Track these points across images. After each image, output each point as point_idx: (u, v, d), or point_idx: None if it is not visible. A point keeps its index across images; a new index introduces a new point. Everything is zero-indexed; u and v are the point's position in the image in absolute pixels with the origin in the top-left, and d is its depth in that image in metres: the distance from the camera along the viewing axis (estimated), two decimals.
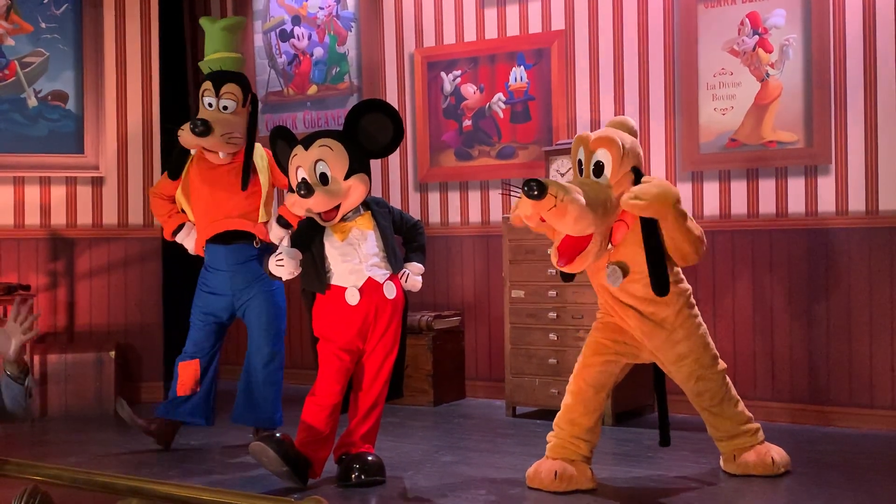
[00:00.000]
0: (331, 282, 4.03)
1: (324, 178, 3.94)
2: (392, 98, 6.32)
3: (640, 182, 3.73)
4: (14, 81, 5.96)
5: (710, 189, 5.33)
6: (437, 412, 5.66)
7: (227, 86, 4.66)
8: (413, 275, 4.20)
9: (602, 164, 3.74)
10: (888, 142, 4.90)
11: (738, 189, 5.26)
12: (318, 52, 6.65)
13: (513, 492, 3.91)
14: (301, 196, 3.86)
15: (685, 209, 3.73)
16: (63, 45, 6.03)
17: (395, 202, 6.17)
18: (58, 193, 5.99)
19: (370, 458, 4.03)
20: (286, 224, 4.62)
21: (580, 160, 3.82)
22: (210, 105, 4.65)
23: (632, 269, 3.79)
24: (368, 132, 4.00)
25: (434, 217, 6.20)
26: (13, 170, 5.91)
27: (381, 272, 4.05)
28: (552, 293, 5.25)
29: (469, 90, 6.08)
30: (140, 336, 6.12)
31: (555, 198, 3.52)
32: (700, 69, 5.34)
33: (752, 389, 5.14)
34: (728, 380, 4.01)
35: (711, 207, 5.33)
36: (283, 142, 4.14)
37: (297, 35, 6.72)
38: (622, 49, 5.57)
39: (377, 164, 6.20)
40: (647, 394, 5.32)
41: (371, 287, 4.02)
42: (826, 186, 5.04)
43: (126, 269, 6.11)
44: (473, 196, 6.07)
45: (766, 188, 5.19)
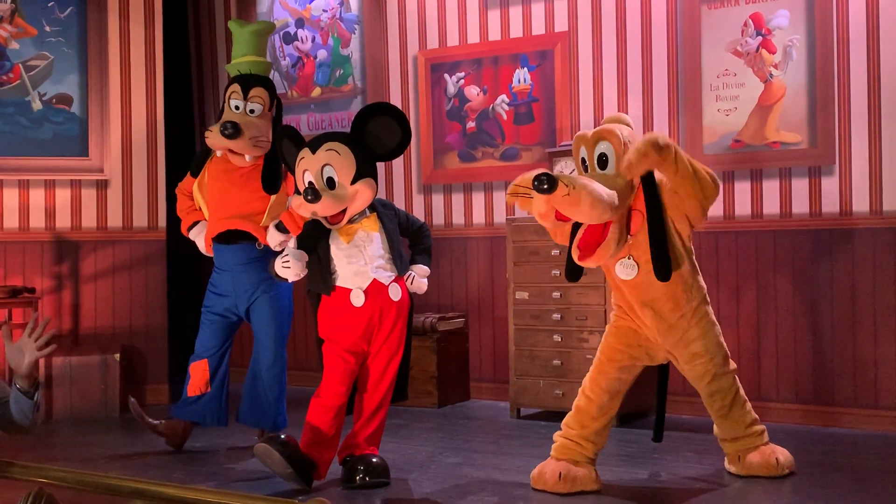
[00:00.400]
0: (336, 283, 4.03)
1: (331, 183, 3.94)
2: (396, 100, 6.32)
3: (651, 181, 3.74)
4: (19, 85, 5.97)
5: None
6: (442, 414, 5.67)
7: (256, 89, 4.65)
8: (418, 277, 4.19)
9: (605, 156, 3.75)
10: (892, 142, 4.90)
11: (742, 190, 5.26)
12: (322, 55, 6.66)
13: (517, 493, 3.91)
14: (308, 201, 3.86)
15: (677, 148, 3.64)
16: (67, 49, 6.05)
17: (399, 204, 6.18)
18: (62, 196, 6.00)
19: (375, 460, 4.03)
20: (284, 230, 4.64)
21: (583, 158, 3.82)
22: (237, 108, 4.64)
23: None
24: (376, 136, 4.00)
25: (438, 219, 6.21)
26: (18, 173, 5.92)
27: (387, 274, 4.05)
28: (556, 294, 5.25)
29: (472, 92, 6.09)
30: (145, 338, 6.13)
31: (567, 186, 3.52)
32: (703, 70, 5.34)
33: (757, 390, 5.13)
34: (738, 380, 4.02)
35: (716, 208, 5.32)
36: (290, 142, 4.14)
37: (301, 37, 6.73)
38: (625, 50, 5.57)
39: (381, 167, 6.19)
40: (652, 395, 5.31)
41: (376, 289, 4.02)
42: (830, 187, 5.03)
43: (131, 272, 6.12)
44: (477, 198, 6.08)
45: (770, 189, 5.19)
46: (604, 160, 3.75)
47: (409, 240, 4.30)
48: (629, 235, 3.79)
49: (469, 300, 6.13)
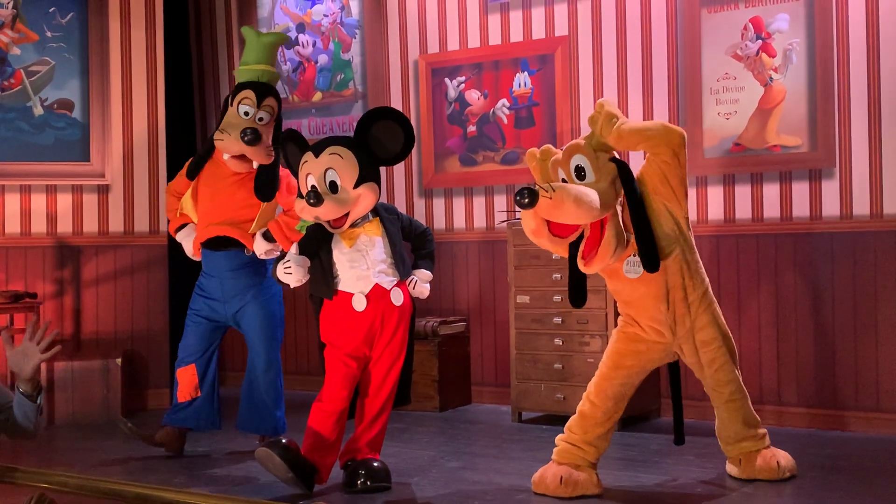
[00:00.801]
0: (338, 287, 4.04)
1: (333, 187, 3.95)
2: (396, 104, 6.33)
3: (625, 169, 3.80)
4: (20, 90, 5.98)
5: (715, 194, 5.33)
6: (443, 418, 5.67)
7: (269, 99, 4.66)
8: (421, 282, 4.20)
9: (581, 167, 3.81)
10: (892, 145, 4.90)
11: (743, 193, 5.26)
12: (323, 60, 6.67)
13: (518, 497, 3.91)
14: (310, 205, 3.87)
15: (623, 120, 3.83)
16: (69, 54, 6.06)
17: (401, 208, 6.18)
18: (64, 201, 6.01)
19: (376, 464, 4.04)
20: (271, 239, 4.64)
21: (563, 179, 3.86)
22: (246, 114, 4.62)
23: None
24: (379, 140, 4.01)
25: (439, 223, 6.21)
26: (20, 178, 5.93)
27: (389, 279, 4.06)
28: (557, 298, 5.25)
29: (473, 96, 6.10)
30: (146, 343, 6.13)
31: (546, 192, 3.56)
32: (704, 74, 5.35)
33: (758, 393, 5.13)
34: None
35: (716, 212, 5.33)
36: (294, 145, 4.14)
37: (302, 42, 6.74)
38: (626, 54, 5.58)
39: (382, 171, 6.20)
40: (653, 399, 5.32)
41: (378, 294, 4.02)
42: (830, 190, 5.04)
43: (132, 277, 6.13)
44: (478, 202, 6.08)
45: (771, 192, 5.19)
46: (581, 172, 3.80)
47: (412, 244, 4.31)
48: (629, 235, 3.81)
49: (470, 304, 6.13)
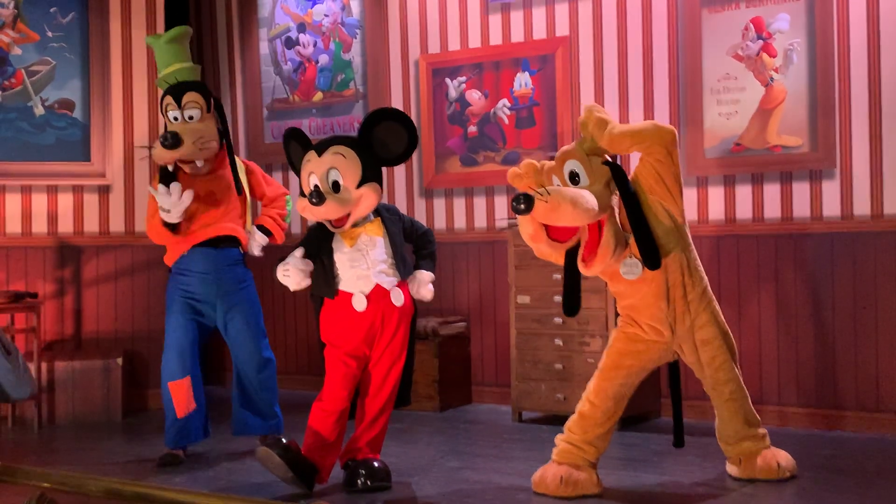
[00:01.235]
0: (339, 287, 4.04)
1: (336, 186, 3.95)
2: (397, 104, 6.33)
3: (618, 171, 3.81)
4: (21, 90, 5.99)
5: (716, 194, 5.33)
6: (444, 418, 5.67)
7: (188, 95, 4.63)
8: (423, 284, 4.17)
9: (575, 172, 3.83)
10: (893, 145, 4.90)
11: (744, 194, 5.26)
12: (324, 59, 6.68)
13: (519, 497, 3.92)
14: (313, 204, 3.87)
15: (613, 124, 3.82)
16: (70, 54, 6.06)
17: (401, 209, 6.18)
18: (65, 201, 6.02)
19: (376, 464, 4.04)
20: (267, 232, 4.65)
21: (558, 185, 3.86)
22: (175, 118, 4.63)
23: None
24: (382, 140, 4.01)
25: (439, 223, 6.21)
26: (20, 178, 5.93)
27: (389, 279, 4.05)
28: (558, 298, 5.25)
29: (474, 96, 6.10)
30: (147, 343, 6.13)
31: (542, 196, 3.57)
32: (704, 74, 5.35)
33: (759, 393, 5.13)
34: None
35: (717, 212, 5.33)
36: (296, 143, 4.14)
37: (303, 42, 6.75)
38: (626, 54, 5.58)
39: (382, 171, 6.21)
40: (653, 399, 5.32)
41: (378, 294, 4.02)
42: (831, 190, 5.04)
43: (133, 277, 6.13)
44: (479, 202, 6.08)
45: (772, 193, 5.19)
46: (575, 177, 3.81)
47: (414, 245, 4.30)
48: (627, 235, 3.82)
49: (471, 304, 6.13)
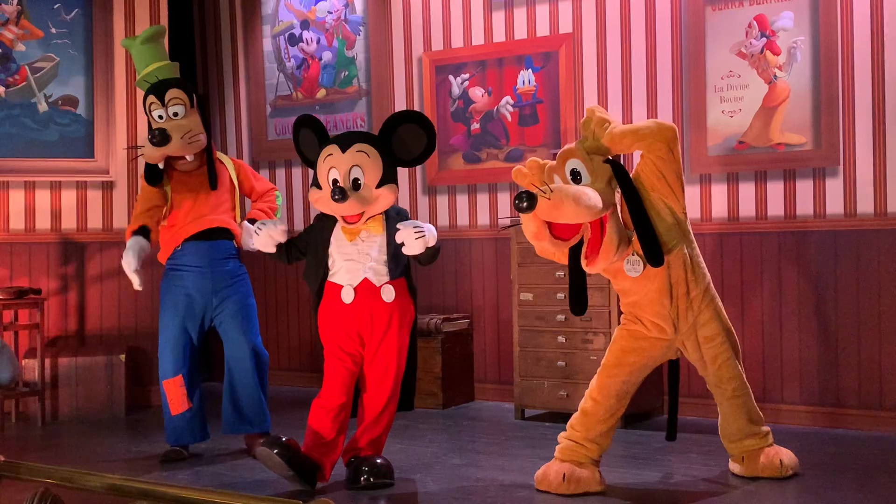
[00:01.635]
0: (330, 279, 4.06)
1: (356, 184, 3.96)
2: (400, 102, 6.33)
3: (620, 168, 3.82)
4: (25, 86, 5.99)
5: (719, 192, 5.33)
6: (446, 415, 5.67)
7: (171, 92, 4.64)
8: (406, 227, 3.90)
9: (577, 171, 3.83)
10: None
11: (747, 191, 5.26)
12: (327, 56, 6.67)
13: (521, 494, 3.92)
14: (335, 200, 3.87)
15: (614, 124, 3.85)
16: (73, 51, 6.07)
17: (404, 205, 6.18)
18: (68, 198, 6.02)
19: (379, 461, 4.04)
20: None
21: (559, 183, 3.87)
22: (160, 117, 4.63)
23: None
24: (403, 142, 4.02)
25: (443, 220, 6.21)
26: (24, 174, 5.94)
27: (378, 276, 4.04)
28: (560, 296, 5.25)
29: (477, 93, 6.10)
30: (150, 339, 6.12)
31: (545, 193, 3.57)
32: (708, 72, 5.35)
33: (762, 392, 5.13)
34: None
35: (720, 210, 5.33)
36: (311, 132, 4.11)
37: (306, 39, 6.75)
38: (630, 52, 5.57)
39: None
40: (656, 396, 5.32)
41: (366, 288, 4.02)
42: (834, 188, 5.03)
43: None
44: (482, 199, 6.08)
45: (775, 190, 5.19)
46: (577, 175, 3.81)
47: None
48: (630, 232, 3.82)
49: (474, 301, 6.13)
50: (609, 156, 3.88)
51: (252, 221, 4.64)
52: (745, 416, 4.02)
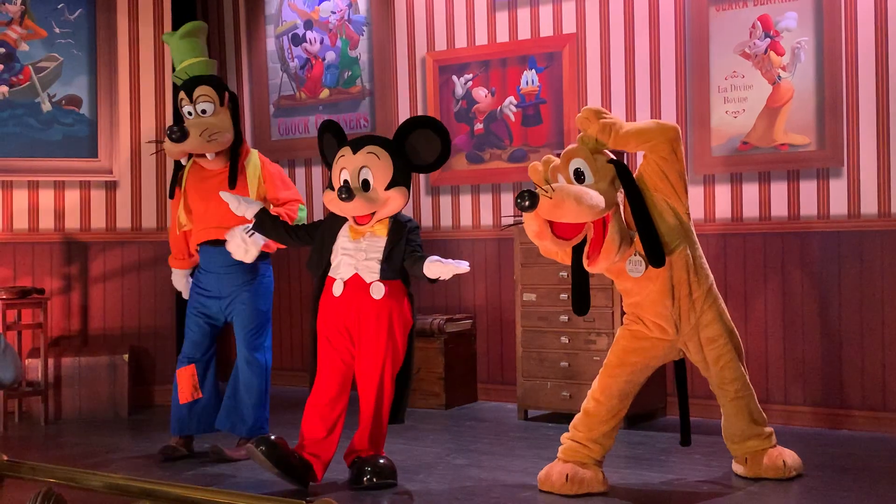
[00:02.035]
0: (330, 273, 4.10)
1: (365, 185, 3.98)
2: (404, 102, 6.33)
3: (623, 168, 3.82)
4: (28, 86, 5.99)
5: (723, 192, 5.32)
6: (449, 415, 5.67)
7: (199, 89, 4.63)
8: (433, 262, 3.96)
9: (580, 170, 3.82)
10: None
11: (751, 192, 5.26)
12: (331, 56, 6.68)
13: (524, 495, 3.91)
14: (342, 199, 3.90)
15: (620, 125, 3.85)
16: (77, 50, 6.07)
17: (407, 206, 6.17)
18: (72, 197, 6.03)
19: (382, 461, 4.04)
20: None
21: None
22: (189, 114, 4.64)
23: None
24: (416, 147, 4.04)
25: (446, 220, 6.21)
26: (28, 174, 5.94)
27: (372, 273, 4.04)
28: (564, 296, 5.25)
29: (480, 94, 6.09)
30: (153, 339, 6.14)
31: (546, 192, 3.57)
32: (712, 72, 5.34)
33: (765, 393, 5.13)
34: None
35: (723, 210, 5.32)
36: (331, 135, 4.18)
37: (310, 39, 6.75)
38: (633, 52, 5.57)
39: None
40: (659, 397, 5.32)
41: (356, 283, 4.03)
42: (838, 189, 5.03)
43: (139, 273, 6.14)
44: (485, 199, 6.08)
45: (779, 191, 5.18)
46: (580, 175, 3.81)
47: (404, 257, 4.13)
48: (632, 233, 3.82)
49: (477, 302, 6.13)
50: (612, 154, 3.89)
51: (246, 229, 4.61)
52: (749, 418, 4.01)
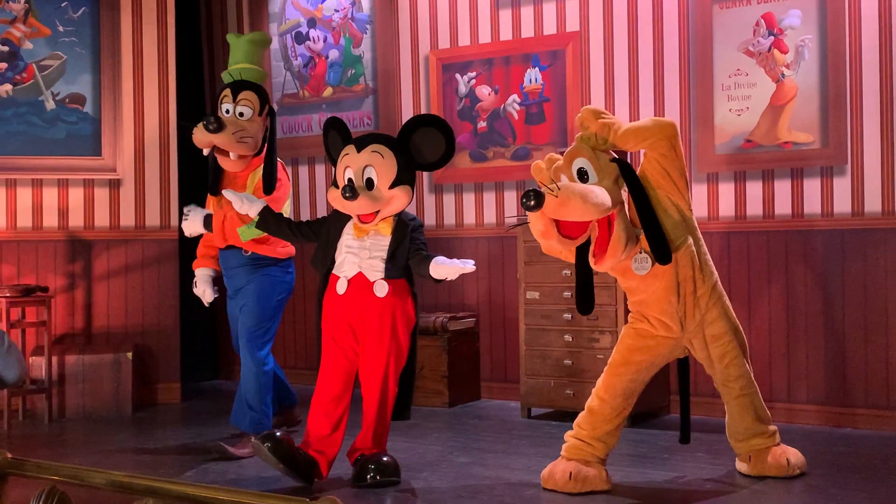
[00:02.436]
0: (334, 270, 4.10)
1: (369, 184, 3.98)
2: (407, 100, 6.33)
3: (627, 167, 3.82)
4: (32, 84, 6.00)
5: (726, 190, 5.32)
6: (452, 413, 5.67)
7: (245, 93, 4.68)
8: (441, 263, 3.98)
9: (584, 170, 3.82)
10: None
11: (754, 190, 5.25)
12: (334, 55, 6.68)
13: (528, 493, 3.92)
14: (345, 198, 3.91)
15: (618, 125, 3.85)
16: (80, 49, 6.08)
17: (411, 204, 6.16)
18: (75, 195, 6.03)
19: (385, 459, 4.05)
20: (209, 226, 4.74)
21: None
22: (227, 111, 4.67)
23: None
24: (420, 146, 4.05)
25: (449, 218, 6.21)
26: (31, 172, 5.95)
27: (374, 271, 4.05)
28: (567, 294, 5.25)
29: (484, 92, 6.09)
30: (157, 337, 6.15)
31: (552, 191, 3.57)
32: (715, 70, 5.34)
33: (769, 391, 5.12)
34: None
35: (727, 208, 5.32)
36: (336, 133, 4.19)
37: (313, 37, 6.75)
38: (637, 50, 5.57)
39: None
40: (663, 395, 5.32)
41: (360, 281, 4.05)
42: (842, 187, 5.02)
43: (143, 271, 6.15)
44: (488, 197, 6.08)
45: (782, 189, 5.18)
46: (584, 174, 3.81)
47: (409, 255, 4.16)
48: (637, 231, 3.82)
49: (480, 300, 6.13)
50: (613, 153, 3.89)
51: (208, 218, 4.69)
52: (753, 415, 4.01)
